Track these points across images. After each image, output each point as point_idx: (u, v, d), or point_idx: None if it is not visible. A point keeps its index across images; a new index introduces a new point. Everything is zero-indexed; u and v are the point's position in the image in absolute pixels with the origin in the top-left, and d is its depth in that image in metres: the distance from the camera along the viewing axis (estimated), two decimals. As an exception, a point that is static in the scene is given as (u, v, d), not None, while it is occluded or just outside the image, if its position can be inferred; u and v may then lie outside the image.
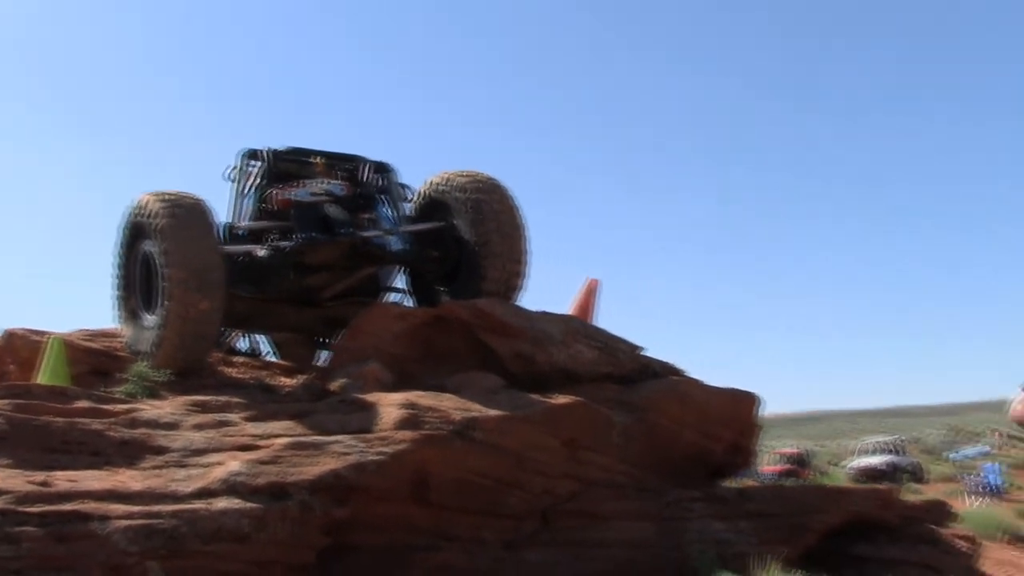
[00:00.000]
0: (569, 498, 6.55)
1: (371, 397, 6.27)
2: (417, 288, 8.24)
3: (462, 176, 7.80)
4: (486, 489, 6.12)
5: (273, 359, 8.86)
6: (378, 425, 5.81)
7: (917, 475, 32.79)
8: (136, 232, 7.17)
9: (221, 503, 5.10)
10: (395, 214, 7.84)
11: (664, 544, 6.59)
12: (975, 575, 7.20)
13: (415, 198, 8.17)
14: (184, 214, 6.75)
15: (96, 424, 5.70)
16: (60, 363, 6.64)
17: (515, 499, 6.27)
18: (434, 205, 7.98)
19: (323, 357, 8.72)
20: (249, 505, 5.12)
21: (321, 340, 8.60)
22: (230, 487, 5.20)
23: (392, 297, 8.28)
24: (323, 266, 7.46)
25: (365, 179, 8.01)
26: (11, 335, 7.56)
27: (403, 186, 8.19)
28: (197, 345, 6.88)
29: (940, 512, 7.87)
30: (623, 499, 6.76)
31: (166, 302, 6.66)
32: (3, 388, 5.97)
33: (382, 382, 6.74)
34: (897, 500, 7.66)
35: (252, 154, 7.89)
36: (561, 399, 6.61)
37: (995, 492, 23.83)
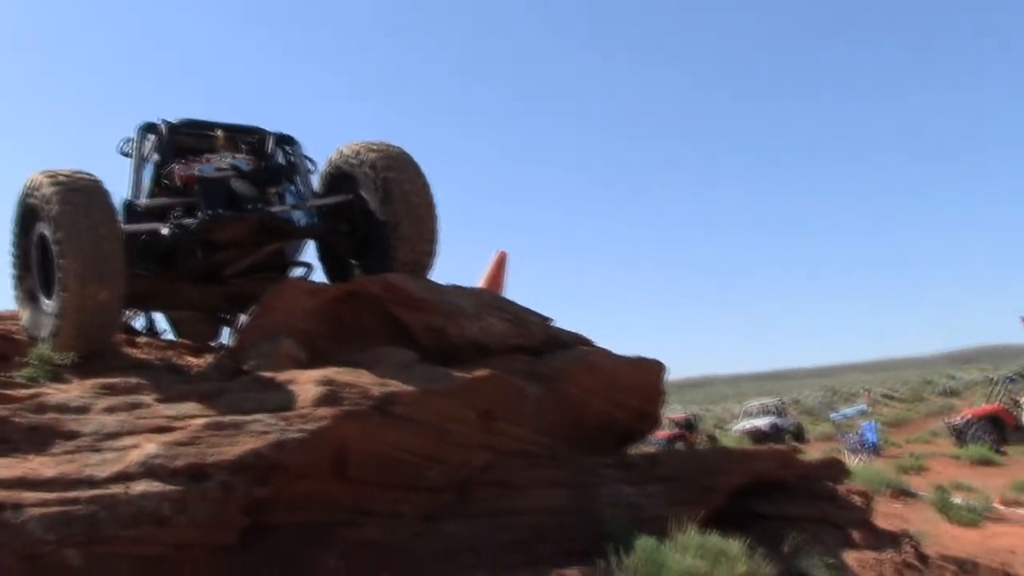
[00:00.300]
0: (485, 469, 6.63)
1: (287, 375, 6.21)
2: (328, 262, 8.12)
3: (371, 149, 7.65)
4: (405, 463, 6.15)
5: (173, 338, 8.66)
6: (297, 403, 5.76)
7: (799, 435, 34.26)
8: (30, 213, 6.82)
9: (140, 487, 5.01)
10: (302, 188, 7.69)
11: (577, 510, 6.73)
12: (869, 528, 7.58)
13: (324, 169, 8.03)
14: (80, 199, 6.38)
15: (1, 410, 5.50)
16: (-44, 348, 6.37)
17: (434, 472, 6.32)
18: (342, 177, 7.84)
19: (226, 334, 8.57)
20: (169, 488, 5.04)
21: (224, 317, 8.43)
22: (148, 470, 5.11)
23: (297, 271, 8.14)
24: (230, 243, 7.27)
25: (269, 152, 7.81)
26: (-102, 320, 7.19)
27: (307, 158, 8.04)
28: (97, 334, 6.63)
29: (835, 470, 8.26)
30: (537, 468, 6.88)
31: (63, 293, 6.38)
32: None
33: (296, 359, 6.68)
34: (796, 460, 8.01)
35: (149, 127, 7.58)
36: (476, 372, 6.67)
37: (873, 449, 25.08)
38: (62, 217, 6.30)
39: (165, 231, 6.93)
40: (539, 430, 7.16)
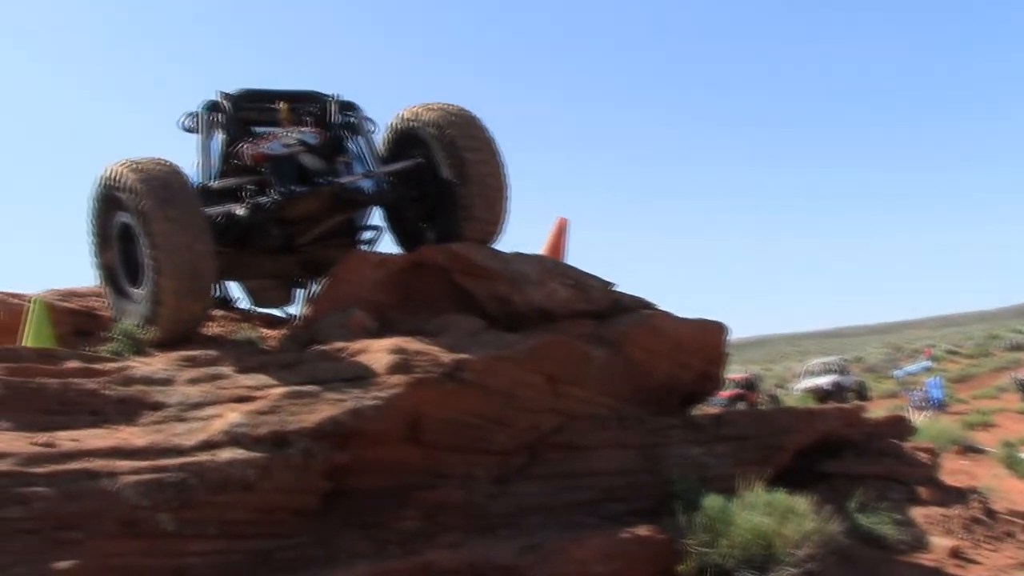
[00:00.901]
0: (554, 432, 6.78)
1: (359, 344, 6.39)
2: (397, 227, 8.19)
3: (434, 109, 7.65)
4: (476, 428, 6.32)
5: (246, 307, 8.84)
6: (371, 371, 5.94)
7: (862, 393, 33.95)
8: (112, 202, 6.89)
9: (226, 454, 5.22)
10: (368, 155, 7.74)
11: (645, 470, 6.87)
12: (935, 484, 7.60)
13: (386, 133, 8.05)
14: (177, 214, 6.44)
15: (91, 384, 5.76)
16: (44, 325, 6.64)
17: (503, 436, 6.48)
18: (406, 140, 7.86)
19: (300, 299, 8.74)
20: (253, 455, 5.24)
21: (298, 282, 8.60)
22: (233, 438, 5.32)
23: (367, 236, 8.27)
24: (303, 217, 7.40)
25: (333, 121, 7.85)
26: (-13, 299, 7.51)
27: (369, 120, 8.07)
28: (186, 330, 6.85)
29: (901, 427, 8.28)
30: (604, 430, 7.01)
31: (157, 306, 6.56)
32: (-8, 353, 5.98)
33: (367, 329, 6.86)
34: (861, 418, 8.04)
35: (213, 105, 7.66)
36: (542, 337, 6.80)
37: (938, 405, 24.84)
38: (161, 237, 6.40)
39: (240, 212, 7.07)
40: (605, 392, 7.28)
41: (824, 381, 34.17)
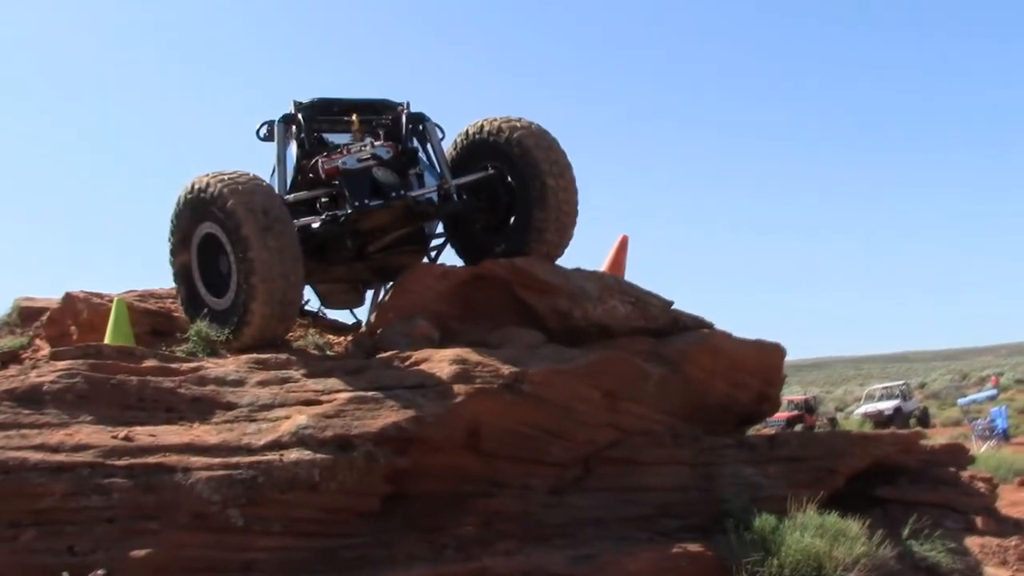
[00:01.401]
0: (609, 446, 6.90)
1: (422, 353, 6.59)
2: (461, 237, 8.34)
3: (520, 127, 7.77)
4: (533, 439, 6.47)
5: (317, 310, 8.95)
6: (433, 379, 6.14)
7: (924, 420, 33.38)
8: (199, 215, 7.05)
9: (293, 454, 5.45)
10: (439, 164, 7.92)
11: (699, 488, 6.95)
12: (993, 514, 7.55)
13: (459, 140, 8.20)
14: (275, 243, 6.64)
15: (167, 382, 6.05)
16: (125, 324, 6.95)
17: (559, 448, 6.62)
18: (477, 152, 8.01)
19: (369, 301, 8.87)
20: (319, 456, 5.47)
21: (367, 285, 8.76)
22: (300, 439, 5.55)
23: (435, 243, 8.45)
24: (376, 229, 7.60)
25: (404, 133, 7.99)
26: (71, 298, 7.83)
27: (438, 128, 8.21)
28: (265, 346, 7.00)
29: (959, 455, 8.22)
30: (659, 446, 7.10)
31: (242, 325, 6.80)
32: (77, 349, 6.29)
33: (430, 339, 7.07)
34: (918, 444, 8.00)
35: (288, 118, 7.85)
36: (601, 353, 6.94)
37: (1003, 436, 24.31)
38: (259, 264, 6.60)
39: (316, 225, 7.27)
40: (661, 410, 7.38)
41: (885, 406, 33.67)
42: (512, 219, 7.91)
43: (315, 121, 7.88)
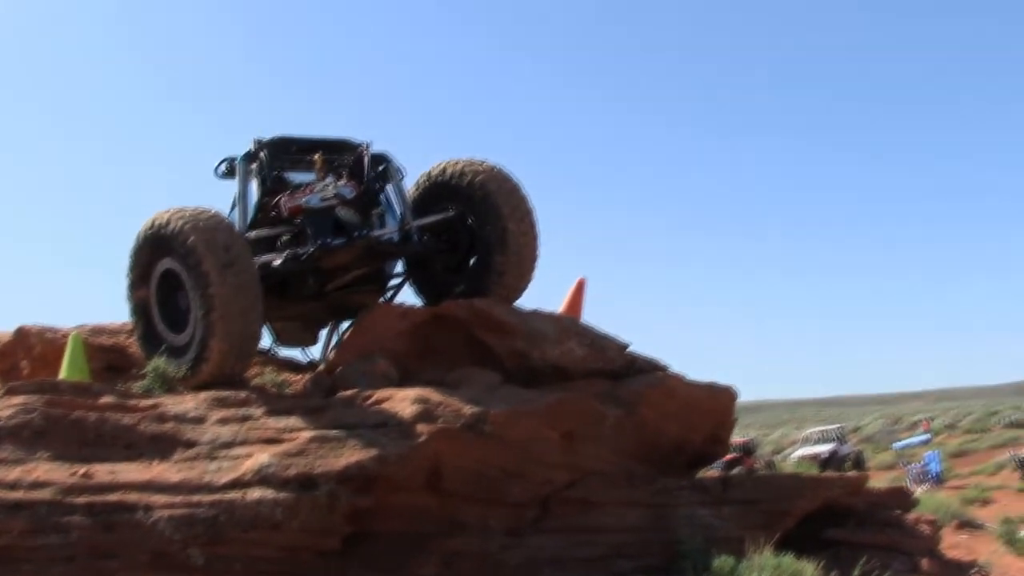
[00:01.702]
0: (566, 486, 6.96)
1: (383, 392, 6.60)
2: (421, 276, 8.37)
3: (482, 171, 7.86)
4: (493, 479, 6.51)
5: (269, 348, 8.89)
6: (395, 419, 6.16)
7: (859, 464, 33.89)
8: (159, 251, 7.02)
9: (256, 493, 5.43)
10: (400, 204, 7.96)
11: (654, 529, 7.03)
12: (936, 557, 7.74)
13: (418, 186, 8.26)
14: (235, 280, 6.62)
15: (126, 419, 6.00)
16: (81, 359, 6.88)
17: (518, 488, 6.67)
18: (439, 193, 8.08)
19: (323, 340, 8.84)
20: (282, 495, 5.45)
21: (322, 324, 8.73)
22: (262, 478, 5.53)
23: (393, 282, 8.45)
24: (338, 268, 7.61)
25: (367, 173, 7.97)
26: (24, 332, 7.72)
27: (400, 170, 8.22)
28: (223, 383, 6.93)
29: (904, 498, 8.45)
30: (615, 487, 7.18)
31: (200, 362, 6.76)
32: (33, 384, 6.22)
33: (389, 378, 7.08)
34: (865, 487, 8.20)
35: (250, 156, 7.81)
36: (560, 394, 7.01)
37: (936, 479, 24.87)
38: (219, 300, 6.57)
39: (277, 263, 7.27)
40: (617, 451, 7.47)
41: (821, 449, 34.16)
42: (472, 260, 7.96)
43: (277, 159, 7.86)
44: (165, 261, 6.97)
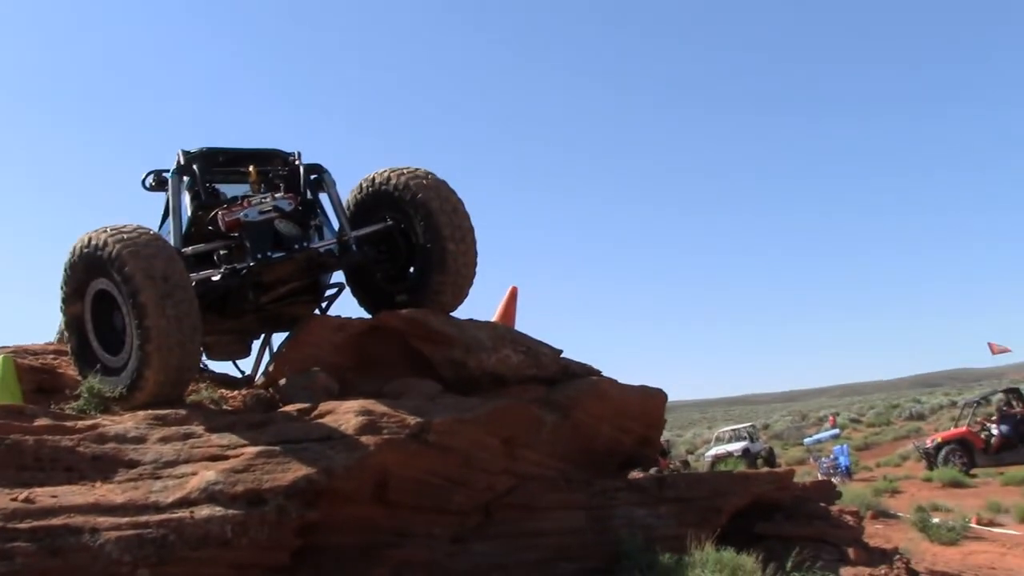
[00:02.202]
0: (507, 492, 7.07)
1: (326, 405, 6.60)
2: (360, 285, 8.37)
3: (413, 178, 7.86)
4: (436, 488, 6.57)
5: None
6: (340, 432, 6.16)
7: (770, 460, 34.81)
8: (93, 271, 6.78)
9: (204, 511, 5.37)
10: (337, 215, 7.93)
11: (594, 531, 7.19)
12: (862, 545, 8.06)
13: (360, 189, 8.22)
14: (174, 310, 6.39)
15: (65, 441, 5.85)
16: (13, 381, 6.69)
17: (461, 496, 6.74)
18: (376, 203, 8.08)
19: (256, 352, 8.75)
20: (231, 512, 5.41)
21: (252, 337, 8.65)
22: (210, 495, 5.47)
23: (329, 292, 8.43)
24: (277, 281, 7.55)
25: (303, 184, 7.93)
26: (-52, 355, 7.47)
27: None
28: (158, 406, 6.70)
29: (828, 492, 8.78)
30: (554, 491, 7.32)
31: (135, 389, 6.57)
32: (-36, 408, 6.03)
33: (330, 391, 7.08)
34: (792, 482, 8.49)
35: (183, 169, 7.66)
36: (499, 402, 7.11)
37: (846, 472, 25.70)
38: (155, 331, 6.34)
39: (216, 277, 7.16)
40: (554, 455, 7.62)
41: (734, 447, 34.93)
42: (411, 271, 7.99)
43: (207, 172, 7.74)
44: (100, 281, 6.76)
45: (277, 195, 7.49)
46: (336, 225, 7.95)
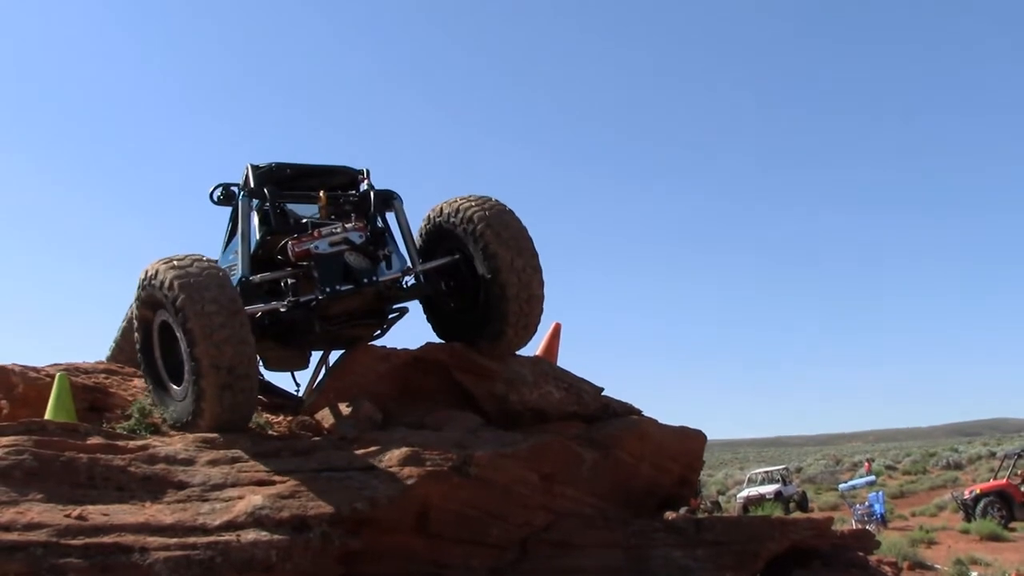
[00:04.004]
0: (545, 528, 7.10)
1: (371, 435, 6.71)
2: (438, 318, 8.28)
3: (473, 203, 7.69)
4: (475, 521, 6.62)
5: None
6: (384, 462, 6.25)
7: (802, 504, 34.47)
8: (153, 304, 6.81)
9: (250, 535, 5.48)
10: (407, 248, 7.84)
11: (631, 570, 7.17)
12: (899, 596, 7.99)
13: (424, 225, 8.12)
14: (228, 344, 6.30)
15: (117, 460, 5.99)
16: (68, 399, 6.83)
17: (499, 530, 6.78)
18: (443, 234, 7.93)
19: (313, 367, 8.71)
20: (276, 537, 5.51)
21: (314, 348, 8.48)
22: (256, 520, 5.57)
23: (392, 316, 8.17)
24: (344, 313, 7.45)
25: (373, 211, 7.84)
26: (5, 371, 7.60)
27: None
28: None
29: (866, 540, 8.70)
30: (592, 529, 7.33)
31: (195, 418, 6.58)
32: (20, 425, 6.17)
33: (374, 420, 7.19)
34: (830, 530, 8.44)
35: (253, 192, 7.59)
36: (542, 437, 7.17)
37: (880, 520, 25.36)
38: (209, 361, 6.29)
39: (283, 309, 7.07)
40: (593, 493, 7.63)
41: (766, 490, 34.66)
42: (480, 298, 7.78)
43: (277, 195, 7.64)
44: (162, 313, 6.77)
45: (348, 225, 7.31)
46: (404, 251, 7.84)
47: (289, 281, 7.25)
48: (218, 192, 7.84)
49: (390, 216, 8.03)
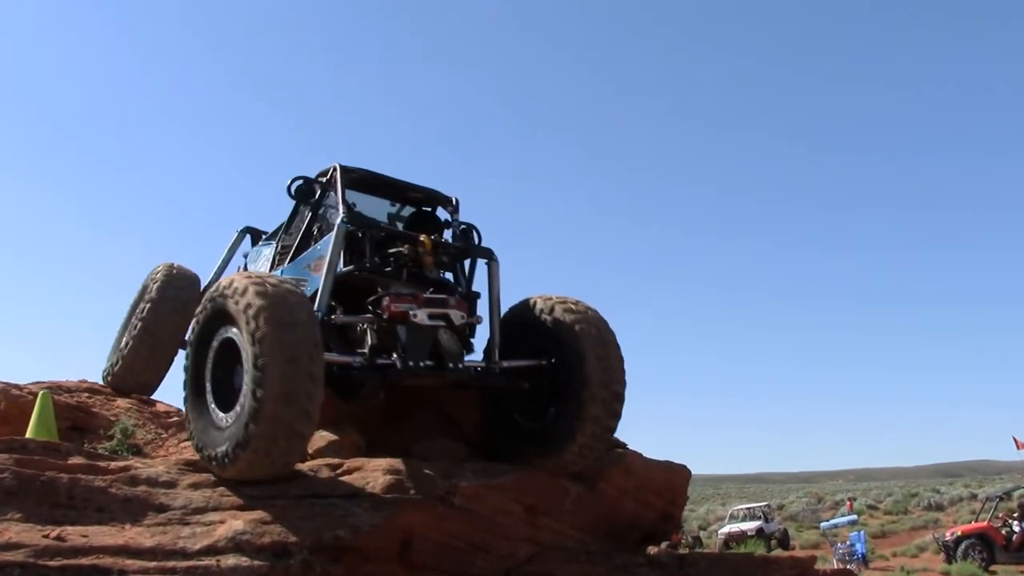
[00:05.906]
0: (527, 560, 7.04)
1: (354, 462, 6.66)
2: (495, 408, 7.61)
3: (564, 305, 7.12)
4: (458, 551, 6.57)
5: None
6: (367, 489, 6.21)
7: (784, 542, 34.38)
8: (223, 317, 6.07)
9: (230, 560, 5.42)
10: (491, 329, 7.19)
11: (613, 605, 7.14)
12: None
13: (508, 315, 7.44)
14: (298, 397, 5.58)
15: (98, 481, 5.94)
16: (50, 418, 6.79)
17: (481, 560, 6.73)
18: (525, 327, 7.28)
19: None
20: (256, 563, 5.44)
21: None
22: (236, 545, 5.52)
23: None
24: (414, 386, 7.01)
25: (469, 277, 7.34)
26: (-12, 389, 7.60)
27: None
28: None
29: (848, 579, 8.69)
30: (574, 562, 7.28)
31: (234, 458, 5.83)
32: (1, 442, 6.11)
33: (358, 447, 7.14)
34: (813, 568, 8.41)
35: (355, 226, 6.88)
36: (527, 468, 7.14)
37: (861, 560, 25.32)
38: (272, 408, 5.54)
39: (356, 371, 6.47)
40: (576, 526, 7.60)
41: (747, 526, 34.54)
42: (551, 411, 7.13)
43: (379, 231, 7.07)
44: (231, 330, 6.03)
45: (452, 301, 6.75)
46: (489, 342, 7.18)
47: (368, 336, 6.65)
48: (297, 185, 7.34)
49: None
